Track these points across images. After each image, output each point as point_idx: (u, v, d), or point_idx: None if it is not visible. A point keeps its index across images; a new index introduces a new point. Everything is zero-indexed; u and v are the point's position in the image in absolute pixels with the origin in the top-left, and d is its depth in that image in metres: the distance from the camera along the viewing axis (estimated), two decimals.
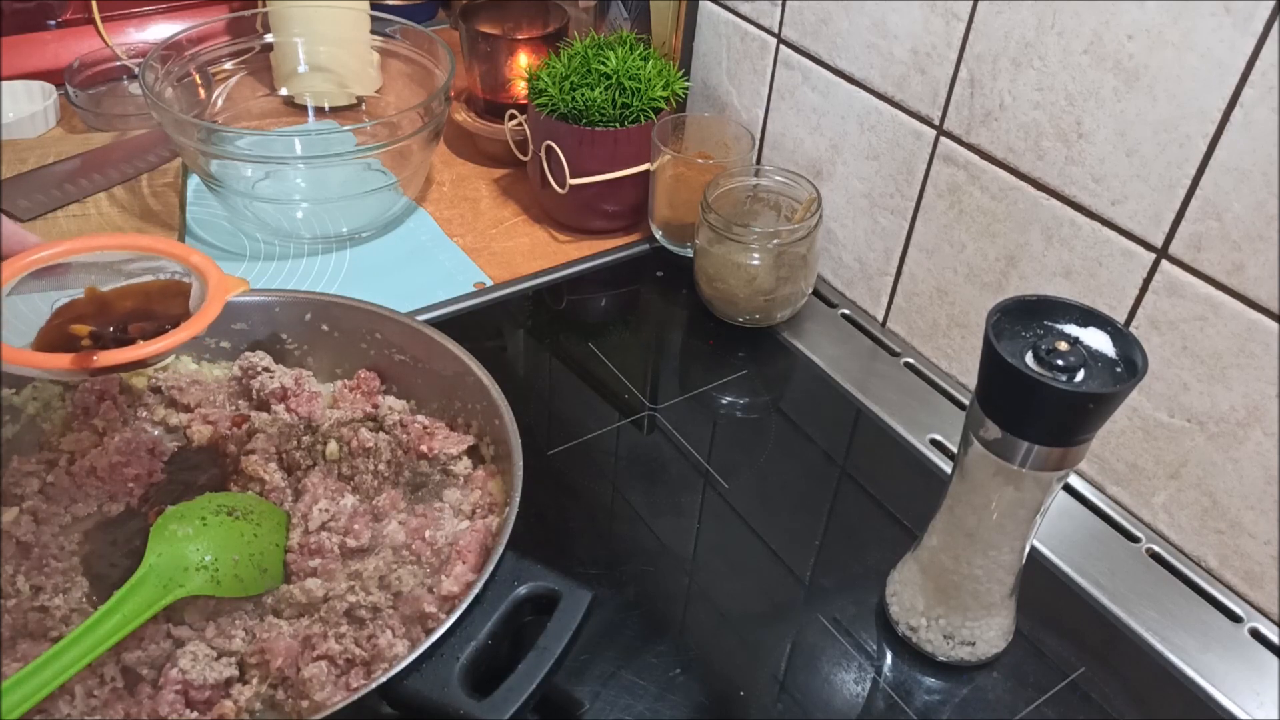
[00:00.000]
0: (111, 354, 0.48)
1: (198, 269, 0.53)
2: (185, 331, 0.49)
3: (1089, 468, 0.70)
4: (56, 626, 0.51)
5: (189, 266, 0.53)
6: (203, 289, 0.52)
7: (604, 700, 0.54)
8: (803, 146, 0.84)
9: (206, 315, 0.50)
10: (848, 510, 0.67)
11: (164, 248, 0.53)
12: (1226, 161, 0.55)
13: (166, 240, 0.54)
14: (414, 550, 0.55)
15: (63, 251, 0.51)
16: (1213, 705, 0.57)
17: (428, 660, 0.46)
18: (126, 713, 0.47)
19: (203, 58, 0.95)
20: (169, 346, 0.49)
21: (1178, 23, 0.55)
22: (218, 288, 0.51)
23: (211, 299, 0.51)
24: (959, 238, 0.73)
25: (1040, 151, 0.65)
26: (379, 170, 0.89)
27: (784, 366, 0.79)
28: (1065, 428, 0.46)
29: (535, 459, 0.68)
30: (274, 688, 0.49)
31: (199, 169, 0.86)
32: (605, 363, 0.78)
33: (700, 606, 0.60)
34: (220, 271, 0.52)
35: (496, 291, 0.84)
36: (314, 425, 0.62)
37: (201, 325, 0.50)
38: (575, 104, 0.84)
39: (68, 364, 0.47)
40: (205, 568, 0.51)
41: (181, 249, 0.53)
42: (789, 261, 0.77)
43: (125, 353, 0.48)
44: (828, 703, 0.55)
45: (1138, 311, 0.63)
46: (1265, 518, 0.60)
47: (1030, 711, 0.56)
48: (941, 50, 0.69)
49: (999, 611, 0.56)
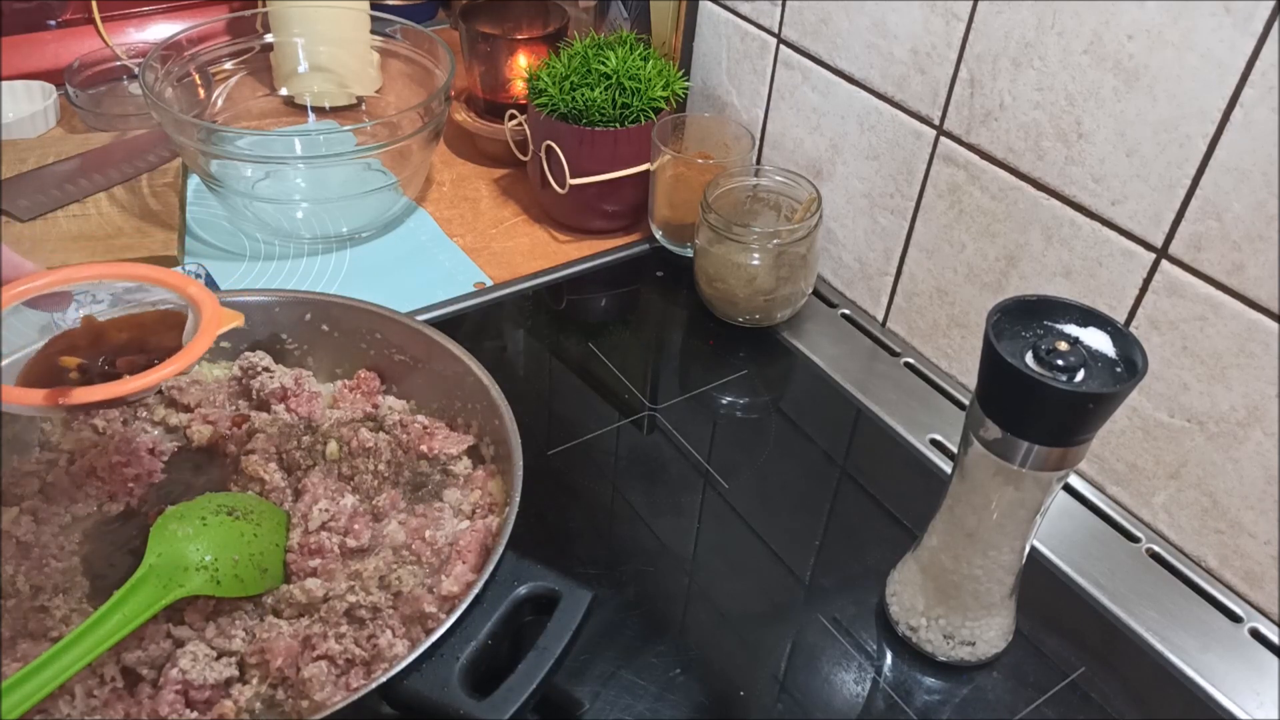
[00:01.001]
0: (87, 391, 0.46)
1: (194, 300, 0.51)
2: (167, 368, 0.48)
3: (1089, 468, 0.70)
4: (56, 626, 0.51)
5: (186, 298, 0.52)
6: (197, 321, 0.51)
7: (604, 700, 0.54)
8: (803, 146, 0.84)
9: (191, 353, 0.49)
10: (848, 510, 0.67)
11: (162, 277, 0.52)
12: (1226, 161, 0.55)
13: (165, 270, 0.53)
14: (414, 550, 0.55)
15: (58, 279, 0.50)
16: (1213, 705, 0.57)
17: (428, 660, 0.46)
18: (126, 713, 0.47)
19: (203, 58, 0.95)
20: (148, 384, 0.47)
21: (1178, 23, 0.55)
22: (209, 322, 0.50)
23: (201, 334, 0.49)
24: (959, 238, 0.73)
25: (1040, 151, 0.65)
26: (379, 170, 0.89)
27: (784, 366, 0.79)
28: (1065, 428, 0.46)
29: (535, 459, 0.69)
30: (274, 688, 0.49)
31: (199, 169, 0.86)
32: (605, 363, 0.78)
33: (700, 606, 0.60)
34: (215, 305, 0.51)
35: (496, 291, 0.84)
36: (314, 425, 0.62)
37: (184, 363, 0.48)
38: (575, 104, 0.84)
39: (41, 400, 0.45)
40: (205, 568, 0.51)
41: (179, 279, 0.52)
42: (789, 261, 0.77)
43: (102, 390, 0.47)
44: (828, 703, 0.55)
45: (1138, 311, 0.63)
46: (1265, 518, 0.60)
47: (1030, 711, 0.56)
48: (941, 50, 0.69)
49: (999, 611, 0.56)
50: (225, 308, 0.51)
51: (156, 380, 0.47)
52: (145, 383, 0.47)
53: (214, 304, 0.51)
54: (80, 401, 0.46)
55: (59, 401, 0.46)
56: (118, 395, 0.47)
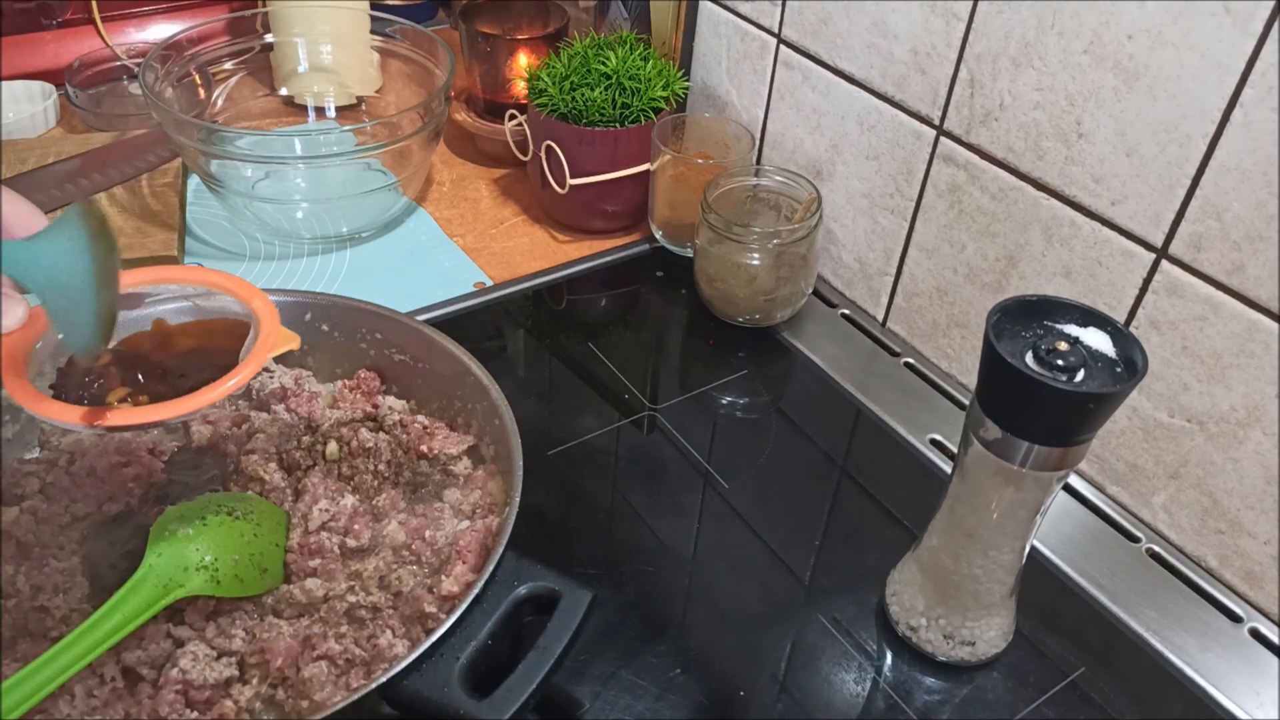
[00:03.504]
0: (123, 414, 0.46)
1: (255, 315, 0.51)
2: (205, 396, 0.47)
3: (1089, 468, 0.70)
4: (56, 626, 0.51)
5: (249, 310, 0.51)
6: (257, 335, 0.50)
7: (604, 700, 0.54)
8: (803, 146, 0.84)
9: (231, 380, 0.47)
10: (848, 510, 0.67)
11: (232, 287, 0.52)
12: (1226, 161, 0.55)
13: (235, 279, 0.52)
14: (414, 550, 0.55)
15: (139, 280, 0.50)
16: (1213, 705, 0.57)
17: (428, 660, 0.46)
18: (126, 713, 0.47)
19: (203, 58, 0.95)
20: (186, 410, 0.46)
21: (1178, 23, 0.55)
22: (263, 343, 0.49)
23: (251, 357, 0.48)
24: (959, 238, 0.73)
25: (1040, 151, 0.65)
26: (379, 170, 0.89)
27: (784, 366, 0.79)
28: (1065, 428, 0.46)
29: (535, 459, 0.68)
30: (274, 688, 0.49)
31: (199, 169, 0.86)
32: (605, 363, 0.78)
33: (700, 606, 0.61)
34: (274, 323, 0.50)
35: (496, 291, 0.84)
36: (314, 425, 0.62)
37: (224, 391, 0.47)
38: (575, 104, 0.84)
39: (78, 419, 0.45)
40: (205, 568, 0.51)
41: (246, 289, 0.52)
42: (789, 261, 0.77)
43: (139, 413, 0.46)
44: (828, 703, 0.55)
45: (1138, 311, 0.63)
46: (1265, 518, 0.60)
47: (1030, 711, 0.56)
48: (941, 50, 0.69)
49: (999, 611, 0.56)
50: (284, 328, 0.50)
51: (193, 408, 0.47)
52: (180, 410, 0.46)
53: (273, 322, 0.50)
54: (119, 423, 0.46)
55: (95, 422, 0.45)
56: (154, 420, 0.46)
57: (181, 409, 0.46)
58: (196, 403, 0.46)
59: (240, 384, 0.47)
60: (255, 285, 0.52)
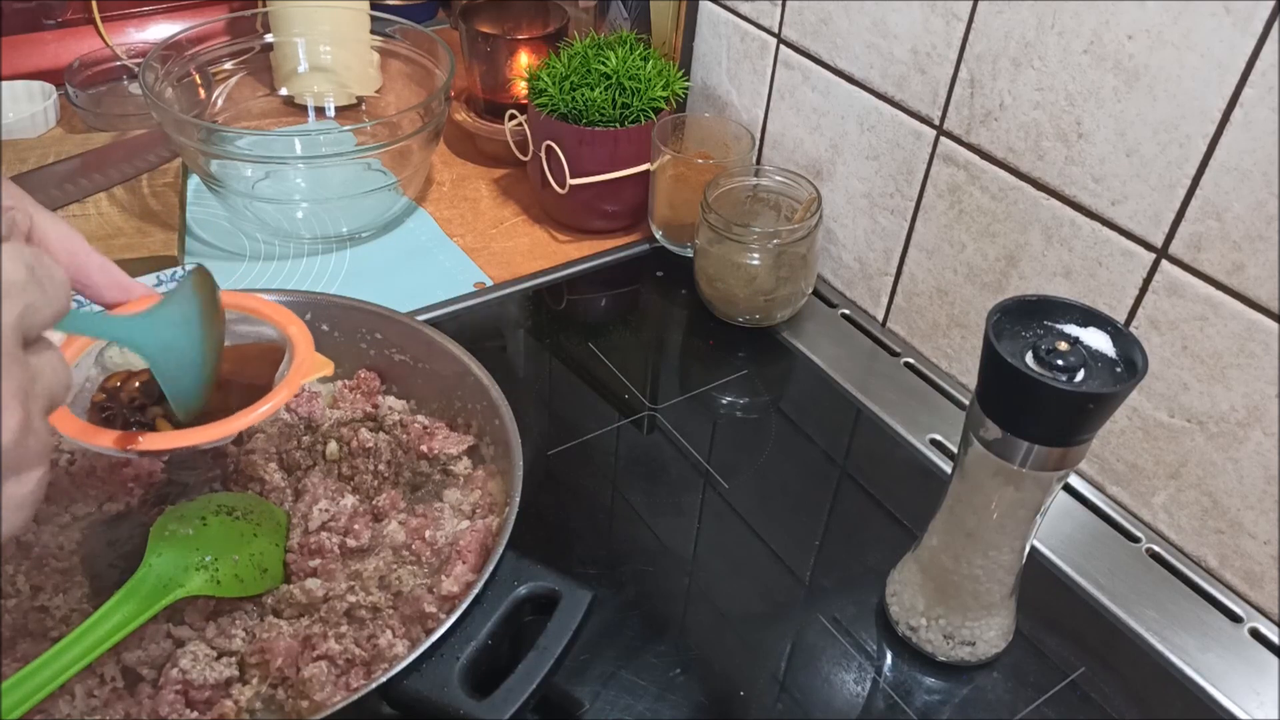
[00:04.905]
0: (158, 438, 0.46)
1: (291, 340, 0.50)
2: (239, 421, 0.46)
3: (1089, 468, 0.70)
4: (56, 626, 0.51)
5: (284, 335, 0.51)
6: (291, 360, 0.49)
7: (604, 700, 0.54)
8: (803, 146, 0.84)
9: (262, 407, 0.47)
10: (848, 510, 0.67)
11: (269, 312, 0.51)
12: (1226, 161, 0.55)
13: (271, 304, 0.52)
14: (414, 550, 0.55)
15: None
16: (1213, 705, 0.57)
17: (428, 660, 0.46)
18: (126, 713, 0.47)
19: (203, 58, 0.95)
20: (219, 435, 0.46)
21: (1178, 23, 0.55)
22: (296, 369, 0.49)
23: (284, 383, 0.48)
24: (959, 238, 0.73)
25: (1040, 151, 0.65)
26: (379, 170, 0.89)
27: (784, 366, 0.79)
28: (1065, 428, 0.46)
29: (535, 459, 0.69)
30: (274, 688, 0.49)
31: (199, 169, 0.86)
32: (605, 363, 0.78)
33: (700, 606, 0.60)
34: (308, 349, 0.50)
35: (496, 291, 0.84)
36: (314, 425, 0.62)
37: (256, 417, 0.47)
38: (575, 104, 0.84)
39: (111, 443, 0.45)
40: (205, 568, 0.51)
41: (283, 315, 0.51)
42: (789, 261, 0.77)
43: (172, 438, 0.46)
44: (828, 703, 0.55)
45: (1138, 311, 0.63)
46: (1265, 518, 0.60)
47: (1030, 711, 0.56)
48: (941, 50, 0.69)
49: (999, 611, 0.56)
50: (318, 354, 0.50)
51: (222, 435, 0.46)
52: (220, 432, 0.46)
53: (307, 348, 0.50)
54: (151, 448, 0.46)
55: (127, 447, 0.45)
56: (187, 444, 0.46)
57: (214, 434, 0.46)
58: (230, 428, 0.46)
59: (274, 409, 0.47)
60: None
